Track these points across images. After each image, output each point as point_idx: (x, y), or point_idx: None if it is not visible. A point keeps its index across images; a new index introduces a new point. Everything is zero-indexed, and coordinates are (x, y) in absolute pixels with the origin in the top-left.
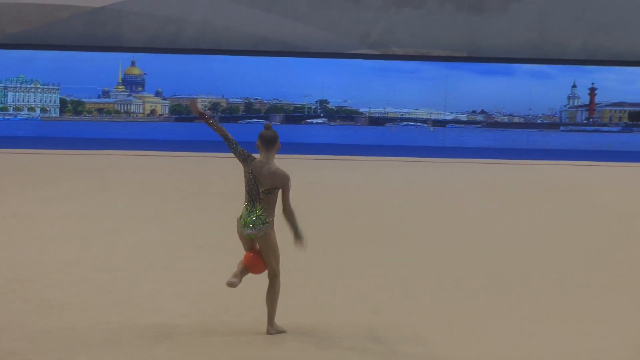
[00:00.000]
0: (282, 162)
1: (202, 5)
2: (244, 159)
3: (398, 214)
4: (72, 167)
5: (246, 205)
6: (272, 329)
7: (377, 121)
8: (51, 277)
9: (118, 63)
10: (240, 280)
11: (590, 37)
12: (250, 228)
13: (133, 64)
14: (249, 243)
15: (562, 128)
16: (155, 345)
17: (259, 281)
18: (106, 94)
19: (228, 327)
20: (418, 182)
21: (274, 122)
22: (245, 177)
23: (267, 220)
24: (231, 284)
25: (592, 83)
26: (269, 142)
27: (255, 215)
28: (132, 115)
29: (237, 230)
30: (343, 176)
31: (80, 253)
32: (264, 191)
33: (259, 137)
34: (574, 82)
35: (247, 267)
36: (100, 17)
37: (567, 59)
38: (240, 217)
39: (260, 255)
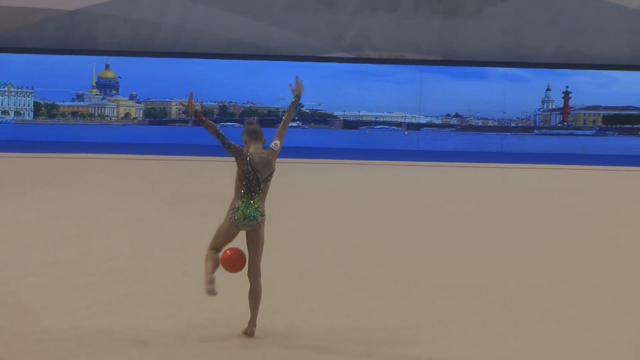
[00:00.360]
0: None
1: (176, 9)
2: (239, 153)
3: (373, 217)
4: (46, 171)
5: (242, 198)
6: (252, 330)
7: (351, 124)
8: (25, 281)
9: (92, 66)
10: (214, 281)
11: (564, 41)
12: (252, 220)
13: (107, 67)
14: (234, 234)
15: (536, 131)
16: (129, 349)
17: (231, 285)
18: (80, 97)
19: (202, 331)
20: (393, 185)
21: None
22: (242, 169)
23: (264, 213)
24: (211, 292)
25: (567, 87)
26: (257, 134)
27: (253, 207)
28: (106, 118)
29: (232, 222)
30: (317, 179)
31: (54, 257)
32: (264, 180)
33: (245, 132)
34: (548, 86)
35: (226, 266)
36: (74, 20)
37: (541, 62)
38: (237, 209)
39: (237, 255)
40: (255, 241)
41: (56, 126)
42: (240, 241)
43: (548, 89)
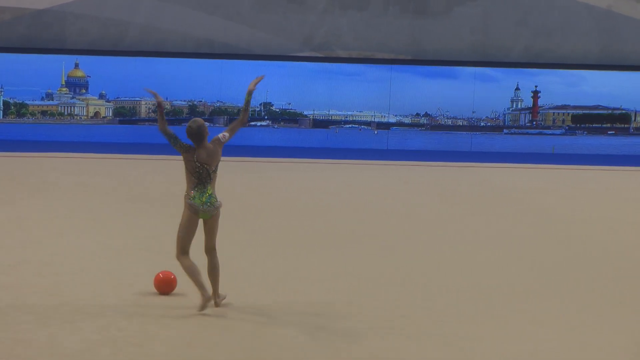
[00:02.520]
0: (227, 164)
1: (146, 8)
2: (187, 150)
3: (343, 215)
4: (15, 170)
5: (195, 189)
6: (219, 299)
7: (321, 124)
8: None
9: (61, 65)
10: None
11: (533, 40)
12: (208, 206)
13: (76, 66)
14: (196, 224)
15: (505, 131)
16: (99, 348)
17: (206, 286)
18: (49, 96)
19: (171, 330)
20: (362, 184)
21: (217, 125)
22: (191, 165)
23: (218, 199)
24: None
25: (535, 86)
26: (200, 134)
27: (206, 195)
28: (75, 117)
29: (191, 212)
30: (287, 178)
31: (23, 256)
32: (213, 171)
33: (188, 137)
34: (517, 85)
35: (160, 288)
36: (43, 19)
37: (510, 62)
38: (193, 197)
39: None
40: (212, 226)
41: (25, 125)
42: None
43: (517, 89)
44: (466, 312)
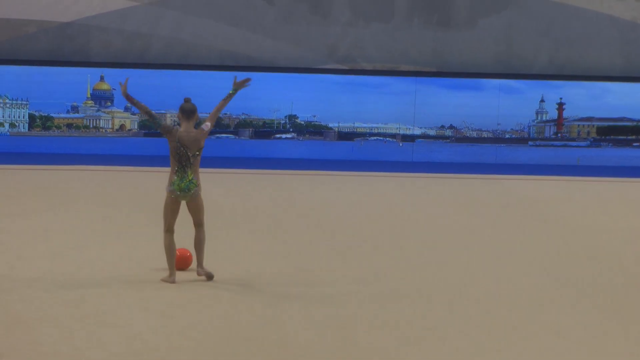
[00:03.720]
0: (252, 177)
1: (169, 21)
2: (169, 131)
3: (368, 227)
4: (40, 183)
5: (176, 172)
6: (202, 270)
7: (345, 136)
8: (18, 292)
9: (87, 78)
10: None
11: (557, 52)
12: (186, 191)
13: (102, 79)
14: (177, 206)
15: (530, 143)
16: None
17: (226, 296)
18: (75, 109)
19: (195, 342)
20: (387, 196)
21: (243, 137)
22: (174, 147)
23: (198, 183)
24: (172, 282)
25: (560, 98)
26: (189, 113)
27: (187, 180)
28: (101, 130)
29: (171, 195)
30: (312, 191)
31: (48, 268)
32: (192, 155)
33: (180, 109)
34: (542, 97)
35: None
36: (67, 32)
37: (534, 73)
38: (172, 184)
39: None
40: (195, 210)
41: (51, 138)
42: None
43: (542, 101)
44: (487, 323)
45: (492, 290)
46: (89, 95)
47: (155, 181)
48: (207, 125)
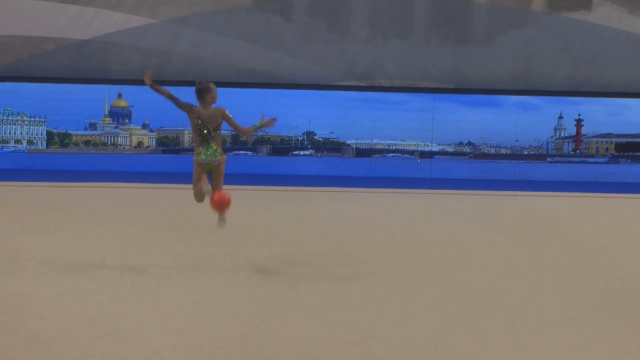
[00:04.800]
0: (270, 193)
1: (188, 38)
2: (189, 110)
3: (386, 244)
4: (58, 200)
5: (201, 145)
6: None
7: (364, 153)
8: (37, 310)
9: (104, 95)
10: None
11: (575, 68)
12: (212, 159)
13: (120, 96)
14: (205, 172)
15: (549, 159)
16: None
17: (243, 313)
18: (93, 126)
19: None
20: (405, 213)
21: (261, 154)
22: (194, 123)
23: (222, 153)
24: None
25: (579, 114)
26: (201, 92)
27: (211, 151)
28: (119, 147)
29: (199, 162)
30: (331, 208)
31: (66, 286)
32: (213, 129)
33: (196, 88)
34: (561, 114)
35: (222, 207)
36: (85, 49)
37: (553, 90)
38: (199, 153)
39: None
40: (217, 175)
41: (69, 155)
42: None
43: (560, 117)
44: (507, 340)
45: (508, 305)
46: (106, 113)
47: (174, 198)
48: (230, 116)
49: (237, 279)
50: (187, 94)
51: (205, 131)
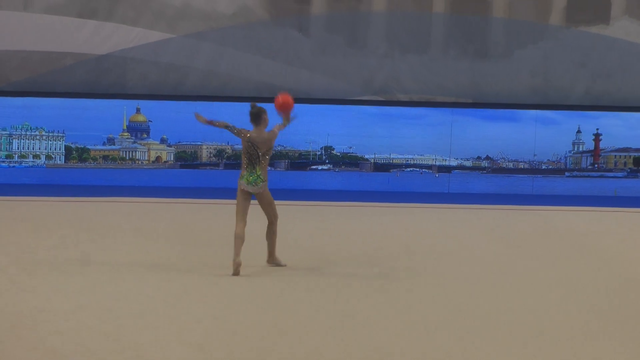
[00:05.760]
0: (288, 207)
1: (206, 53)
2: (244, 135)
3: (405, 258)
4: (76, 215)
5: (246, 169)
6: (272, 260)
7: (382, 167)
8: (55, 325)
9: (123, 110)
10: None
11: (593, 82)
12: (253, 185)
13: (138, 110)
14: (247, 198)
15: (567, 174)
16: None
17: (260, 330)
18: (111, 141)
19: None
20: (424, 227)
21: (279, 169)
22: (246, 146)
23: (265, 179)
24: (236, 273)
25: (597, 129)
26: (254, 117)
27: (255, 175)
28: (137, 162)
29: (241, 187)
30: (349, 222)
31: (84, 301)
32: (262, 154)
33: (249, 114)
34: (579, 128)
35: (284, 106)
36: (103, 64)
37: (571, 104)
38: (242, 176)
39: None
40: (264, 202)
41: (87, 170)
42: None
43: (579, 131)
44: (528, 355)
45: (528, 320)
46: (125, 127)
47: (192, 213)
48: (280, 126)
49: (254, 293)
50: (206, 109)
51: (254, 155)
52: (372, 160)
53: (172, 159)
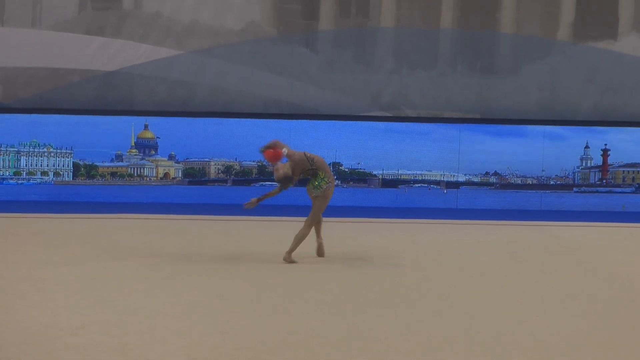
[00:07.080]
0: (292, 224)
1: (213, 69)
2: (296, 169)
3: (413, 274)
4: (84, 231)
5: (311, 180)
6: (288, 256)
7: (390, 183)
8: (64, 340)
9: (130, 127)
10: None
11: (601, 98)
12: (318, 188)
13: (146, 127)
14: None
15: (575, 189)
16: None
17: (272, 346)
18: (119, 157)
19: None
20: (432, 243)
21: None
22: (304, 168)
23: (328, 181)
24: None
25: (605, 144)
26: (285, 178)
27: (318, 180)
28: (145, 178)
29: (308, 193)
30: (357, 238)
31: (92, 317)
32: (307, 170)
33: (281, 179)
34: (587, 143)
35: (272, 159)
36: (111, 81)
37: (579, 120)
38: (309, 184)
39: None
40: (314, 203)
41: (95, 187)
42: None
43: (587, 147)
44: None
45: (538, 336)
46: (133, 144)
47: (200, 229)
48: (286, 166)
49: (262, 308)
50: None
51: (309, 170)
52: (380, 176)
53: (180, 175)
